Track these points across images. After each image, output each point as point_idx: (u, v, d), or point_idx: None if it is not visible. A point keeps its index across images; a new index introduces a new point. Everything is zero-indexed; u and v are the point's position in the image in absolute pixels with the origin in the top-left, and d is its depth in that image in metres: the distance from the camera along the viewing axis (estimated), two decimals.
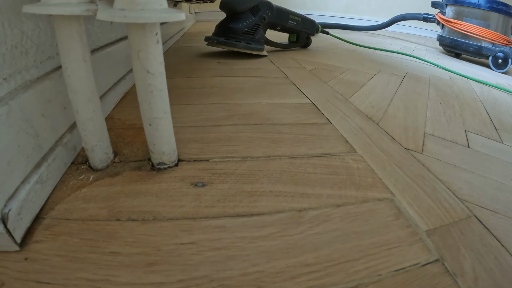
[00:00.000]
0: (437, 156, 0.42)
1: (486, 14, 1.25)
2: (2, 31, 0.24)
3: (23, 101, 0.25)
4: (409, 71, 0.94)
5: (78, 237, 0.24)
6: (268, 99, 0.58)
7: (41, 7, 0.23)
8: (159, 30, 0.26)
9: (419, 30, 2.38)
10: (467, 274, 0.23)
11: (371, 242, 0.26)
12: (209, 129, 0.43)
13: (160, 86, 0.28)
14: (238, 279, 0.22)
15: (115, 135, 0.39)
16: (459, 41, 1.33)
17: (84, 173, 0.32)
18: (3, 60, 0.24)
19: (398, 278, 0.23)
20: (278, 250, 0.24)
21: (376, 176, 0.35)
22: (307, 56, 1.02)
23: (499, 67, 1.20)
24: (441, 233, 0.28)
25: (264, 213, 0.28)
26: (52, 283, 0.20)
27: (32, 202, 0.25)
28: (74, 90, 0.28)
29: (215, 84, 0.65)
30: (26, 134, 0.26)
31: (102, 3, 0.25)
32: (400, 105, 0.61)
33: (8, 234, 0.22)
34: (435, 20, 1.49)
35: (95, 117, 0.30)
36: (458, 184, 0.36)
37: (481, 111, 0.65)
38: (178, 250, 0.24)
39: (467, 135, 0.51)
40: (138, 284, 0.21)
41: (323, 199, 0.31)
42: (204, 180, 0.32)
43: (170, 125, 0.32)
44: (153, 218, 0.27)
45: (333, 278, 0.22)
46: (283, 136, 0.43)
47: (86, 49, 0.27)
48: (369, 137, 0.45)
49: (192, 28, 1.69)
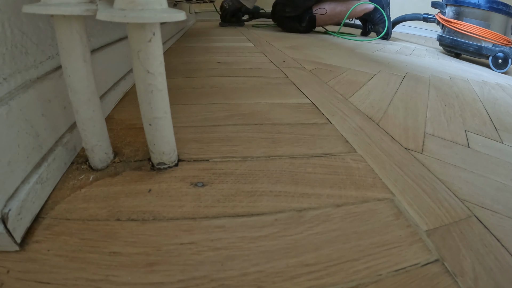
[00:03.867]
0: (437, 156, 0.42)
1: (486, 14, 1.25)
2: (2, 31, 0.24)
3: (23, 101, 0.25)
4: (409, 71, 0.94)
5: (78, 237, 0.24)
6: (268, 99, 0.58)
7: (41, 7, 0.23)
8: (159, 30, 0.26)
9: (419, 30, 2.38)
10: (467, 274, 0.23)
11: (371, 242, 0.26)
12: (209, 129, 0.43)
13: (160, 86, 0.28)
14: (238, 279, 0.22)
15: (115, 135, 0.39)
16: (459, 41, 1.33)
17: (84, 173, 0.32)
18: (3, 60, 0.24)
19: (398, 278, 0.23)
20: (278, 250, 0.24)
21: (376, 176, 0.35)
22: (307, 56, 1.02)
23: (499, 67, 1.20)
24: (441, 233, 0.28)
25: (264, 213, 0.28)
26: (52, 283, 0.20)
27: (32, 202, 0.25)
28: (74, 90, 0.28)
29: (215, 84, 0.65)
30: (26, 134, 0.26)
31: (102, 3, 0.25)
32: (400, 105, 0.61)
33: (8, 234, 0.22)
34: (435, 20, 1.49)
35: (95, 117, 0.30)
36: (458, 184, 0.36)
37: (481, 111, 0.65)
38: (178, 250, 0.24)
39: (467, 135, 0.51)
40: (138, 284, 0.21)
41: (323, 199, 0.31)
42: (204, 180, 0.32)
43: (170, 125, 0.32)
44: (153, 218, 0.27)
45: (333, 278, 0.22)
46: (283, 136, 0.43)
47: (86, 49, 0.27)
48: (369, 137, 0.45)
49: (192, 28, 1.69)
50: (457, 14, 1.35)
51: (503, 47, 1.19)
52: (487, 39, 1.23)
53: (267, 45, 1.19)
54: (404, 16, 1.69)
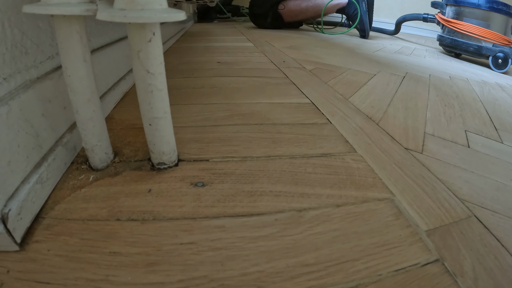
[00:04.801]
0: (437, 156, 0.42)
1: (486, 14, 1.25)
2: (2, 31, 0.24)
3: (23, 101, 0.25)
4: (409, 71, 0.94)
5: (78, 237, 0.24)
6: (268, 99, 0.58)
7: (41, 7, 0.23)
8: (159, 30, 0.26)
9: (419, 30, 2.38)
10: (467, 274, 0.23)
11: (371, 242, 0.26)
12: (209, 129, 0.43)
13: (160, 86, 0.28)
14: (238, 279, 0.22)
15: (115, 135, 0.39)
16: (459, 41, 1.33)
17: (84, 173, 0.32)
18: (3, 60, 0.24)
19: (398, 278, 0.23)
20: (278, 250, 0.24)
21: (376, 176, 0.35)
22: (307, 56, 1.02)
23: (499, 67, 1.20)
24: (441, 233, 0.28)
25: (264, 213, 0.28)
26: (52, 283, 0.20)
27: (32, 202, 0.25)
28: (74, 90, 0.28)
29: (215, 84, 0.65)
30: (26, 134, 0.26)
31: (102, 3, 0.25)
32: (400, 105, 0.61)
33: (8, 234, 0.22)
34: (435, 20, 1.49)
35: (95, 117, 0.30)
36: (458, 184, 0.36)
37: (481, 111, 0.65)
38: (178, 250, 0.24)
39: (467, 135, 0.51)
40: (138, 284, 0.21)
41: (323, 199, 0.31)
42: (204, 180, 0.32)
43: (170, 125, 0.32)
44: (153, 218, 0.27)
45: (333, 278, 0.22)
46: (283, 136, 0.43)
47: (86, 49, 0.27)
48: (369, 137, 0.45)
49: (192, 28, 1.69)
50: (457, 14, 1.35)
51: (503, 47, 1.19)
52: (487, 39, 1.23)
53: (267, 45, 1.19)
54: (405, 17, 1.69)
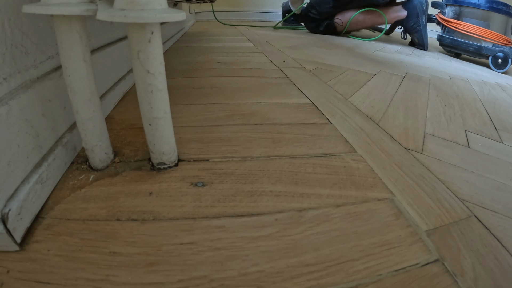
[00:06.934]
0: (437, 156, 0.42)
1: (486, 14, 1.25)
2: (2, 31, 0.24)
3: (23, 101, 0.25)
4: (409, 71, 0.94)
5: (78, 237, 0.24)
6: (268, 99, 0.58)
7: (41, 7, 0.23)
8: (159, 30, 0.26)
9: None
10: (467, 274, 0.23)
11: (371, 242, 0.26)
12: (209, 129, 0.43)
13: (160, 86, 0.28)
14: (238, 279, 0.22)
15: (115, 135, 0.39)
16: (459, 41, 1.33)
17: (84, 173, 0.32)
18: (3, 60, 0.24)
19: (398, 278, 0.23)
20: (278, 250, 0.24)
21: (376, 176, 0.35)
22: (307, 56, 1.02)
23: (499, 67, 1.20)
24: (441, 233, 0.28)
25: (264, 213, 0.28)
26: (52, 283, 0.20)
27: (32, 202, 0.25)
28: (74, 90, 0.28)
29: (215, 84, 0.65)
30: (26, 134, 0.26)
31: (102, 3, 0.25)
32: (400, 105, 0.61)
33: (8, 234, 0.22)
34: (435, 20, 1.49)
35: (95, 117, 0.30)
36: (458, 184, 0.36)
37: (481, 111, 0.65)
38: (178, 250, 0.24)
39: (467, 135, 0.51)
40: (138, 284, 0.21)
41: (323, 199, 0.31)
42: (204, 180, 0.32)
43: (170, 125, 0.32)
44: (153, 218, 0.27)
45: (333, 278, 0.22)
46: (283, 136, 0.43)
47: (86, 49, 0.27)
48: (369, 137, 0.45)
49: (192, 28, 1.69)
50: (457, 14, 1.35)
51: (503, 47, 1.19)
52: (487, 39, 1.23)
53: (267, 45, 1.19)
54: None
